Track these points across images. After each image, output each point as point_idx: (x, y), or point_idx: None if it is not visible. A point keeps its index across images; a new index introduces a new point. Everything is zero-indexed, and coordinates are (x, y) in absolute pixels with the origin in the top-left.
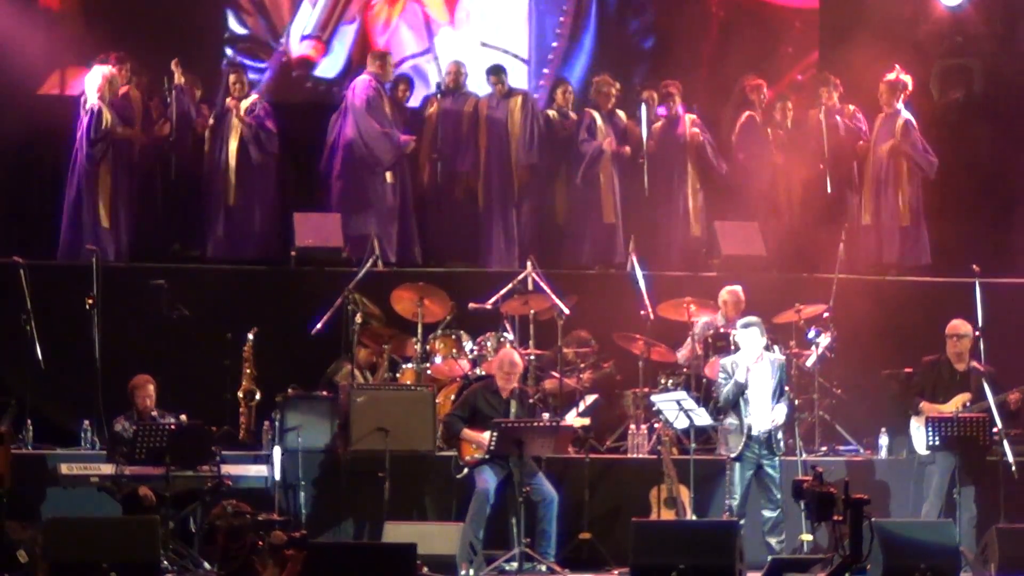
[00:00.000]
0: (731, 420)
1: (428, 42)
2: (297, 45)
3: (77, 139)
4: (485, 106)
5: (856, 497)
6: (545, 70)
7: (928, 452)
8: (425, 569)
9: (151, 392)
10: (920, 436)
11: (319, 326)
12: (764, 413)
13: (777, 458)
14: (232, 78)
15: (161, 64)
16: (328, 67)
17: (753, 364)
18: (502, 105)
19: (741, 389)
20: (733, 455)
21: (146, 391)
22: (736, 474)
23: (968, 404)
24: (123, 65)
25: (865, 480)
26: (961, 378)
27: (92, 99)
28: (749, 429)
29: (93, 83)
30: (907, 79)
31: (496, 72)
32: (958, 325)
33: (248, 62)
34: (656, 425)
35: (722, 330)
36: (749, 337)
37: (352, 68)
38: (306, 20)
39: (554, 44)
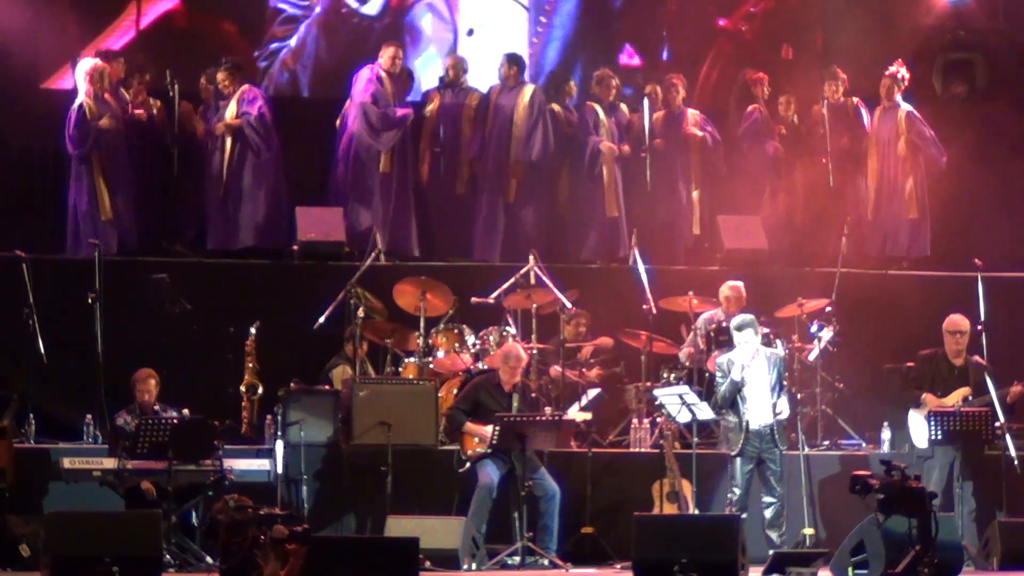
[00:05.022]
0: (731, 417)
1: None
2: None
3: (65, 134)
4: (495, 94)
5: (928, 491)
6: (542, 18)
7: (927, 447)
8: (427, 563)
9: (152, 386)
10: (919, 430)
11: (321, 320)
12: (763, 408)
13: (779, 452)
14: (221, 76)
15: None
16: (370, 6)
17: (749, 362)
18: (511, 95)
19: (737, 388)
20: (734, 452)
21: (147, 385)
22: (737, 469)
23: (971, 398)
24: (113, 60)
25: None
26: (960, 372)
27: (80, 94)
28: (747, 425)
29: (80, 78)
30: (906, 73)
31: (514, 61)
32: (958, 321)
33: (288, 5)
34: (658, 419)
35: (724, 324)
36: (743, 337)
37: (390, 7)
38: None
39: None
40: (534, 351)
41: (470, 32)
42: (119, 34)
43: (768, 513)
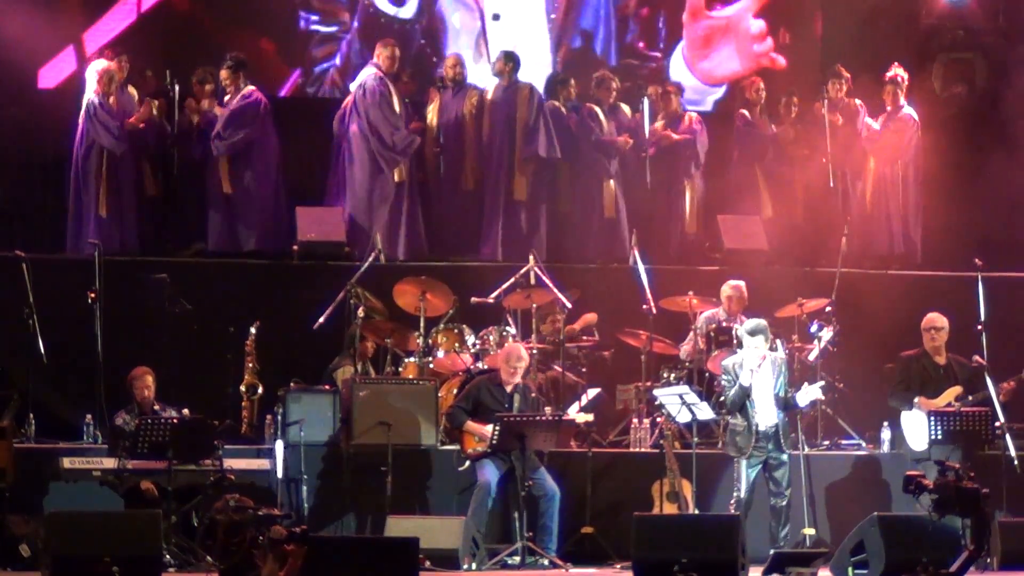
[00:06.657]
0: (739, 420)
1: None
2: None
3: (78, 134)
4: (494, 92)
5: (983, 492)
6: (553, 15)
7: (924, 448)
8: (427, 563)
9: (150, 383)
10: (914, 432)
11: (321, 320)
12: (769, 410)
13: (785, 454)
14: (224, 74)
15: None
16: (407, 9)
17: (757, 367)
18: (509, 94)
19: (746, 392)
20: (743, 454)
21: (144, 382)
22: (743, 470)
23: (970, 397)
24: (120, 59)
25: (867, 474)
26: (945, 371)
27: (90, 95)
28: (756, 427)
29: (91, 77)
30: (904, 74)
31: (509, 58)
32: (935, 319)
33: (321, 26)
34: (658, 419)
35: (724, 324)
36: (755, 342)
37: (424, 10)
38: None
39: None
40: (534, 351)
41: (496, 17)
42: (119, 19)
43: (775, 512)
